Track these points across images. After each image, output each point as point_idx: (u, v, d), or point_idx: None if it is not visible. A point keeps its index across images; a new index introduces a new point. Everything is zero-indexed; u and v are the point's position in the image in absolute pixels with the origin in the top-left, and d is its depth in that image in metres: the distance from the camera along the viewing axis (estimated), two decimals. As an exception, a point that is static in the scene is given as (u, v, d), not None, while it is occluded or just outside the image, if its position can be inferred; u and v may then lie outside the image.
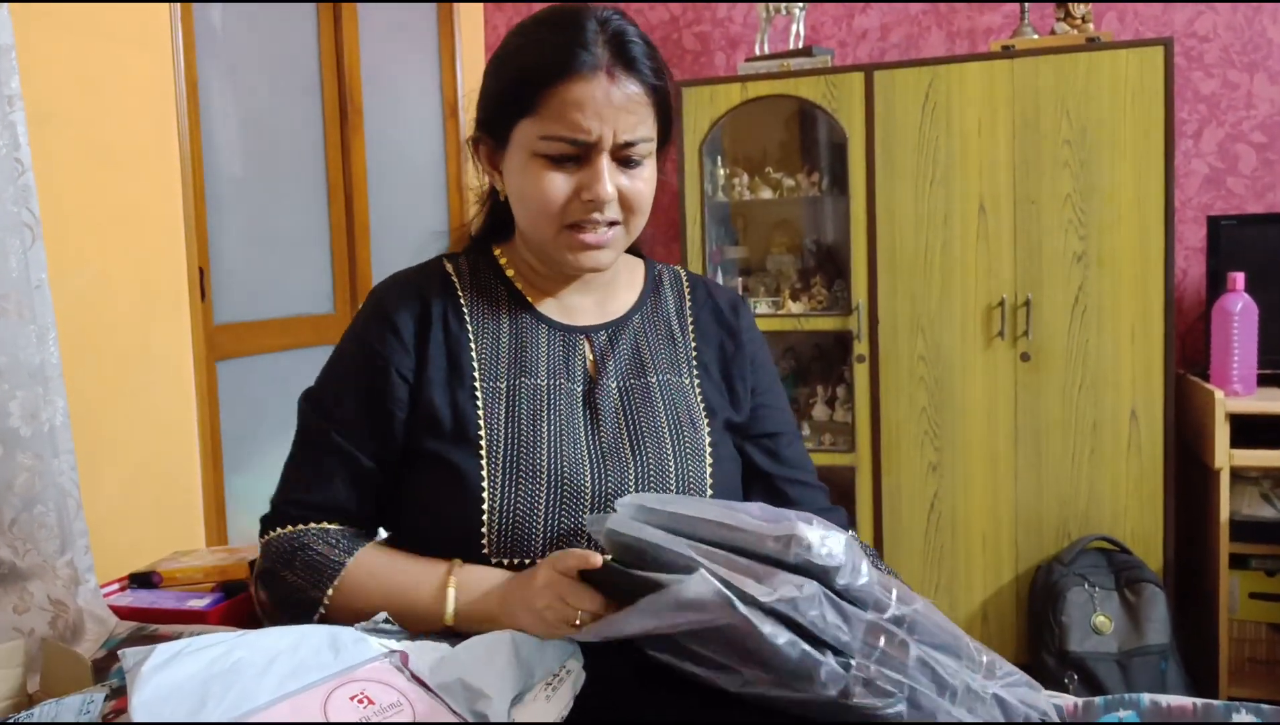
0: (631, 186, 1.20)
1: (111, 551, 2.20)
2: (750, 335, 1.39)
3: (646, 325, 1.34)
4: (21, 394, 1.75)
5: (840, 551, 0.85)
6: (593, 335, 1.31)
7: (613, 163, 1.19)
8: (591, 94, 1.15)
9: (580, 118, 1.15)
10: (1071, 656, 2.72)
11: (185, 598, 2.11)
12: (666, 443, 1.24)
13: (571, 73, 1.15)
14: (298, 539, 1.21)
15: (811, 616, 0.83)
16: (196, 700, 0.85)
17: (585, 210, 1.19)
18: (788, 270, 3.51)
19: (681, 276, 1.43)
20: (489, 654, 0.98)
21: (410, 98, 3.64)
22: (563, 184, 1.18)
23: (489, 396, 1.22)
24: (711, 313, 1.38)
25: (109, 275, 2.26)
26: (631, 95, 1.17)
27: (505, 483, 1.16)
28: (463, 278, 1.32)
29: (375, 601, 1.15)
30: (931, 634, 0.89)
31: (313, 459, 1.26)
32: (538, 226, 1.23)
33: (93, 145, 2.23)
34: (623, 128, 1.17)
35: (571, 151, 1.17)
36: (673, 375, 1.31)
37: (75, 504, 1.89)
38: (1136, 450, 2.94)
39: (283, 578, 1.19)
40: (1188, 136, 3.30)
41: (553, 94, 1.16)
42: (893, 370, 3.15)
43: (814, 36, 3.63)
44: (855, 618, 0.85)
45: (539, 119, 1.17)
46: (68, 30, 2.17)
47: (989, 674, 0.91)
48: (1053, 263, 2.98)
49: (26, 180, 1.79)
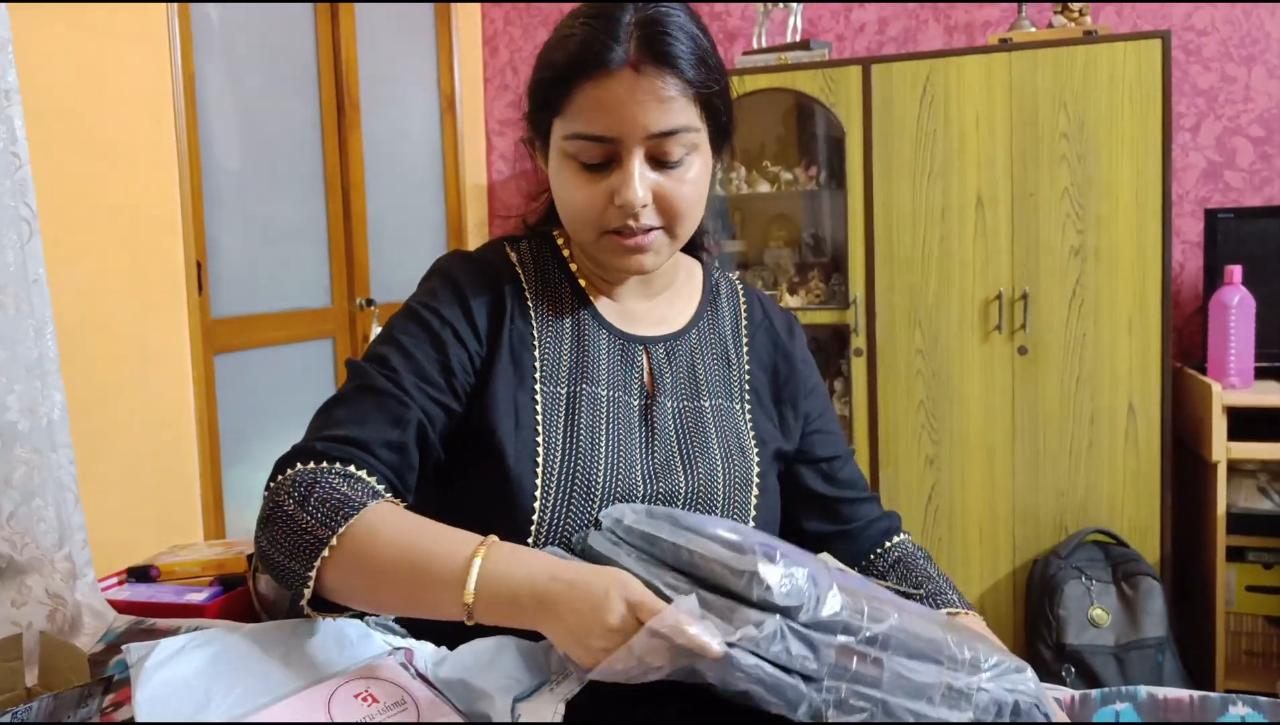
0: (670, 187, 1.13)
1: (109, 545, 2.21)
2: (804, 359, 1.37)
3: (703, 343, 1.30)
4: (19, 388, 1.75)
5: (802, 587, 0.85)
6: (651, 348, 1.26)
7: (648, 163, 1.12)
8: (614, 91, 1.08)
9: (603, 116, 1.09)
10: (1068, 649, 2.73)
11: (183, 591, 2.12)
12: (718, 468, 1.20)
13: (596, 70, 1.08)
14: (318, 476, 1.02)
15: (774, 651, 0.83)
16: (201, 697, 0.85)
17: (620, 216, 1.12)
18: (785, 264, 3.51)
19: (738, 290, 1.39)
20: (492, 656, 0.97)
21: (407, 93, 3.63)
22: (595, 191, 1.12)
23: (549, 401, 1.17)
24: (767, 334, 1.35)
25: (106, 269, 2.26)
26: (661, 88, 1.08)
27: (558, 495, 1.11)
28: (527, 269, 1.25)
29: (386, 557, 0.96)
30: (907, 645, 0.89)
31: (351, 400, 1.10)
32: (577, 231, 1.18)
33: (90, 140, 2.23)
34: (651, 122, 1.09)
35: (600, 154, 1.11)
36: (725, 400, 1.27)
37: (73, 498, 1.89)
38: (1134, 443, 2.95)
39: (289, 515, 0.99)
40: (1185, 130, 3.30)
41: (578, 92, 1.10)
42: (890, 364, 3.15)
43: (811, 30, 3.63)
44: (823, 644, 0.85)
45: (565, 119, 1.12)
46: (65, 25, 2.16)
47: (973, 669, 0.91)
48: (1050, 256, 2.98)
49: (24, 174, 1.79)
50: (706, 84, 1.12)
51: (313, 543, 0.97)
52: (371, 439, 1.07)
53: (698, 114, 1.13)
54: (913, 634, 0.90)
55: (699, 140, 1.15)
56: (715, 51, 1.15)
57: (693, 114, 1.12)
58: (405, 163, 3.59)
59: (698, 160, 1.15)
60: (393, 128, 3.49)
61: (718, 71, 1.15)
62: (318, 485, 1.01)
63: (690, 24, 1.12)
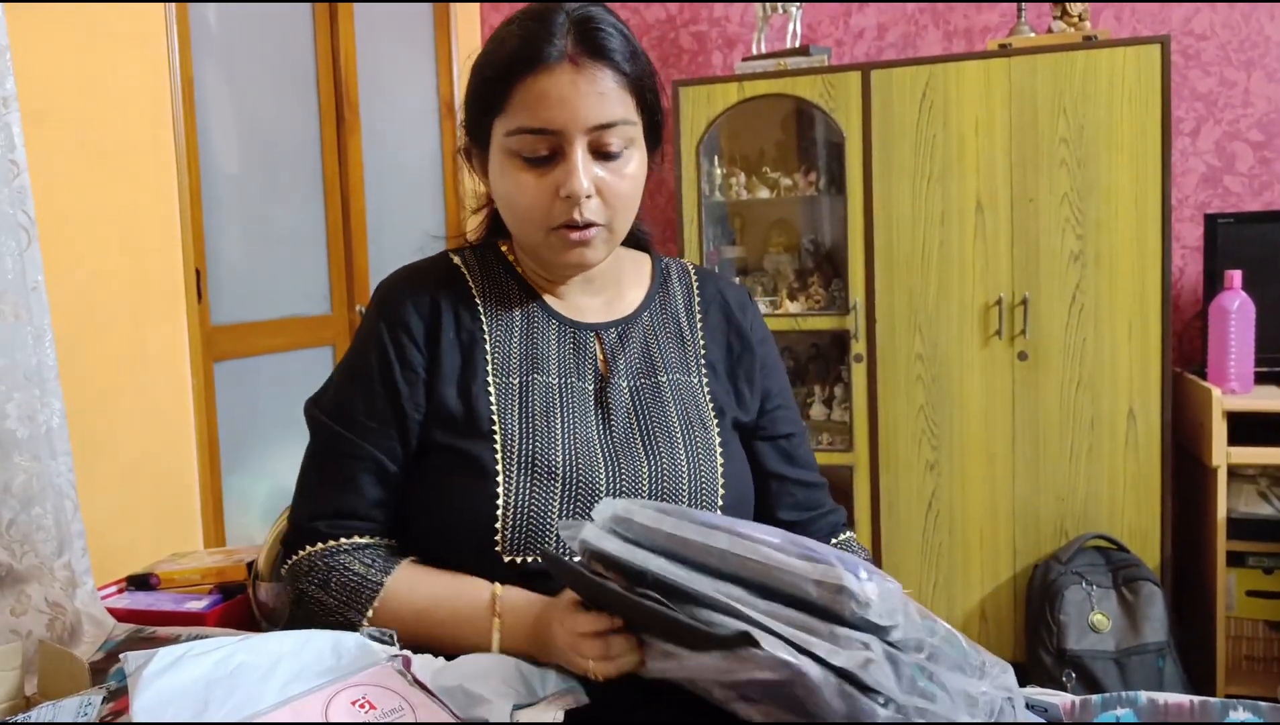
0: (611, 180, 1.17)
1: (109, 553, 2.20)
2: (759, 336, 1.38)
3: (655, 323, 1.32)
4: (18, 396, 1.75)
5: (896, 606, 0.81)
6: (603, 333, 1.29)
7: (590, 155, 1.15)
8: (556, 83, 1.12)
9: (544, 109, 1.12)
10: (1069, 655, 2.72)
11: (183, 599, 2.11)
12: (679, 442, 1.23)
13: (536, 65, 1.12)
14: (330, 558, 1.18)
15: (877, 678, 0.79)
16: (199, 704, 0.85)
17: (566, 208, 1.15)
18: (785, 270, 3.51)
19: (689, 271, 1.40)
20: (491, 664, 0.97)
21: (406, 97, 3.63)
22: (540, 186, 1.15)
23: (502, 392, 1.20)
24: (720, 310, 1.36)
25: (105, 276, 2.26)
26: (600, 81, 1.13)
27: (520, 478, 1.14)
28: (473, 270, 1.29)
29: (414, 627, 1.12)
30: (948, 657, 0.90)
31: (332, 467, 1.21)
32: (524, 231, 1.21)
33: (88, 146, 2.23)
34: (592, 113, 1.13)
35: (543, 148, 1.14)
36: (682, 374, 1.29)
37: (73, 506, 1.89)
38: (1134, 448, 2.94)
39: (317, 599, 1.16)
40: (1185, 134, 3.30)
41: (519, 88, 1.13)
42: (890, 369, 3.15)
43: (811, 35, 3.63)
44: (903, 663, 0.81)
45: (507, 115, 1.15)
46: (63, 30, 2.16)
47: (981, 674, 0.92)
48: (1050, 261, 2.98)
49: (22, 181, 1.79)
50: (640, 78, 1.18)
51: (345, 625, 1.12)
52: (359, 507, 1.20)
53: (634, 107, 1.18)
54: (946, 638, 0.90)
55: (635, 134, 1.19)
56: (644, 53, 1.20)
57: (629, 107, 1.17)
58: (404, 167, 3.59)
59: (635, 154, 1.20)
60: (392, 132, 3.49)
61: (648, 68, 1.21)
62: (333, 571, 1.16)
63: (620, 23, 1.18)
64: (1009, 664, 0.95)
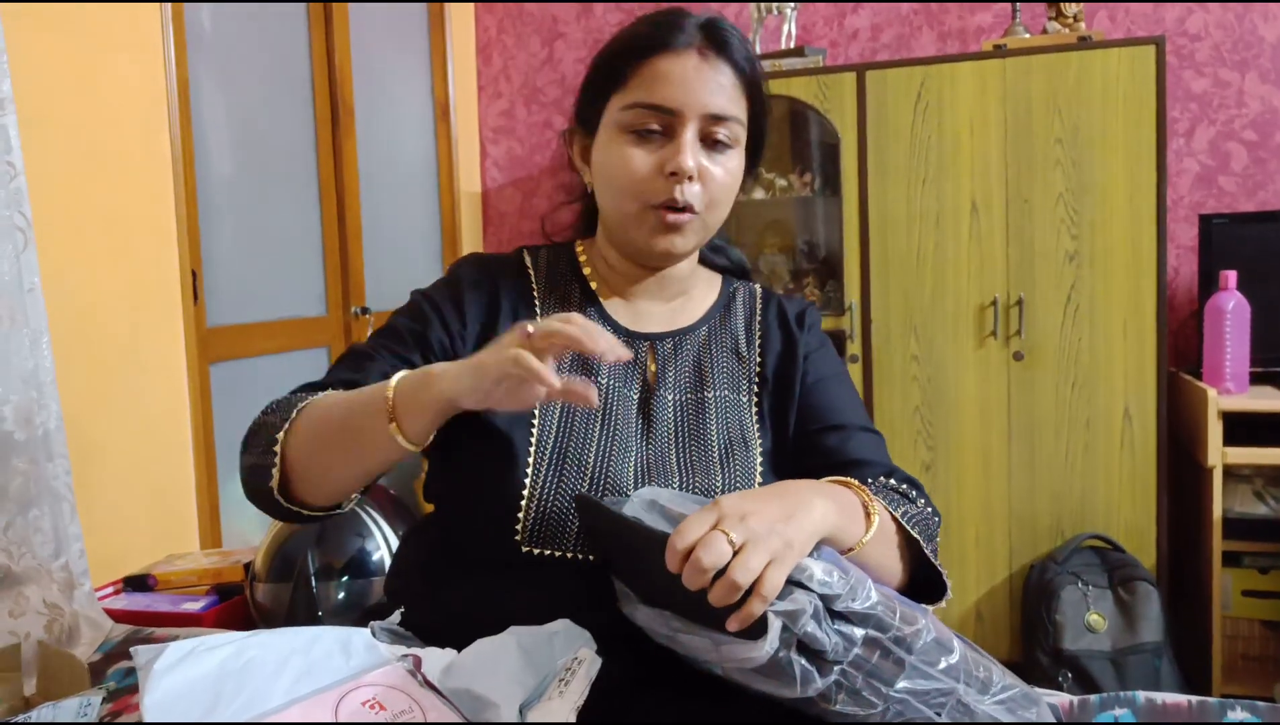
0: (713, 170, 1.19)
1: (106, 555, 2.20)
2: (809, 348, 1.33)
3: (713, 339, 1.31)
4: (15, 399, 1.75)
5: (838, 579, 0.88)
6: (657, 343, 1.28)
7: (699, 142, 1.18)
8: (681, 66, 1.16)
9: (666, 87, 1.16)
10: (1065, 655, 2.73)
11: (180, 600, 2.12)
12: (715, 461, 1.20)
13: (663, 47, 1.17)
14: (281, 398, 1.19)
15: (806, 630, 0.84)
16: (209, 700, 0.85)
17: (668, 187, 1.17)
18: (780, 271, 3.52)
19: (757, 293, 1.40)
20: (495, 660, 0.97)
21: (401, 99, 3.63)
22: (646, 158, 1.18)
23: None
24: (779, 324, 1.35)
25: (101, 279, 2.26)
26: (722, 73, 1.18)
27: (549, 471, 1.14)
28: (539, 271, 1.32)
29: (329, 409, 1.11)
30: (929, 653, 0.91)
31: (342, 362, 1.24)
32: (621, 204, 1.22)
33: (84, 148, 2.23)
34: (711, 101, 1.17)
35: (656, 124, 1.18)
36: (731, 392, 1.27)
37: (70, 508, 1.89)
38: (1129, 449, 2.95)
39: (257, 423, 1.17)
40: (1179, 135, 3.31)
41: (643, 66, 1.18)
42: (886, 370, 3.15)
43: (805, 36, 3.64)
44: (851, 632, 0.87)
45: (627, 91, 1.19)
46: (58, 32, 2.16)
47: (982, 689, 0.93)
48: (1045, 262, 2.99)
49: (19, 184, 1.79)
50: (756, 86, 1.23)
51: (275, 425, 1.12)
52: (329, 380, 1.20)
53: (745, 112, 1.22)
54: (937, 643, 0.91)
55: (742, 136, 1.23)
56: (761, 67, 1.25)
57: (742, 109, 1.21)
58: (400, 170, 3.59)
59: (737, 155, 1.23)
60: (387, 134, 3.49)
61: (765, 85, 1.25)
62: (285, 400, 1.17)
63: (744, 36, 1.23)
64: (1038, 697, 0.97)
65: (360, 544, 2.08)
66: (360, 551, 2.08)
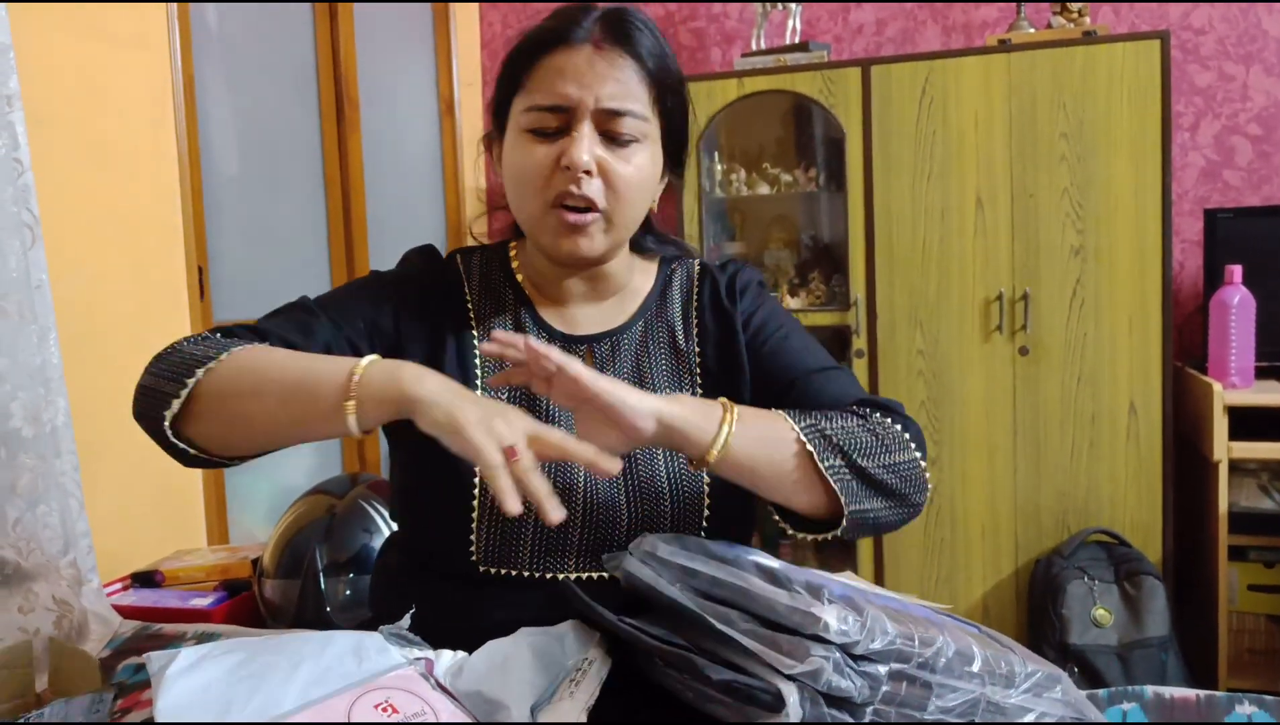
0: (614, 165, 1.15)
1: (113, 551, 2.21)
2: (744, 302, 1.31)
3: (649, 334, 1.28)
4: (23, 395, 1.75)
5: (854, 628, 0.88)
6: (595, 346, 1.26)
7: (598, 136, 1.15)
8: (573, 61, 1.14)
9: (560, 83, 1.13)
10: (1072, 649, 2.73)
11: (188, 597, 2.12)
12: (659, 460, 1.18)
13: (558, 43, 1.14)
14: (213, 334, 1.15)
15: (829, 682, 0.86)
16: (221, 705, 0.85)
17: (565, 180, 1.14)
18: (785, 266, 3.52)
19: (694, 273, 1.35)
20: (507, 661, 0.97)
21: (406, 96, 3.64)
22: (543, 156, 1.15)
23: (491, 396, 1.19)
24: (713, 306, 1.30)
25: (108, 275, 2.26)
26: (618, 66, 1.14)
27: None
28: (472, 279, 1.30)
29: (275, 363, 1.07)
30: (952, 666, 0.92)
31: (285, 317, 1.23)
32: (524, 205, 1.19)
33: (91, 145, 2.23)
34: (605, 95, 1.13)
35: (555, 122, 1.15)
36: (673, 387, 1.25)
37: (78, 504, 1.89)
38: (1135, 443, 2.95)
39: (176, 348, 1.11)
40: (1184, 129, 3.31)
41: (539, 65, 1.15)
42: (891, 365, 3.15)
43: (810, 31, 3.64)
44: (875, 673, 0.88)
45: (525, 93, 1.17)
46: (65, 31, 2.17)
47: (1008, 684, 0.94)
48: (1050, 256, 2.98)
49: (26, 180, 1.80)
50: (662, 80, 1.18)
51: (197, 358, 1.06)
52: (271, 331, 1.17)
53: (650, 105, 1.18)
54: (959, 654, 0.92)
55: (649, 131, 1.18)
56: (676, 63, 1.20)
57: (645, 103, 1.17)
58: (405, 165, 3.60)
59: (645, 150, 1.18)
60: (392, 130, 3.49)
61: (675, 76, 1.20)
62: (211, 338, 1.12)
63: (654, 28, 1.18)
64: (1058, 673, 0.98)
65: (368, 540, 2.09)
66: (367, 548, 2.09)
